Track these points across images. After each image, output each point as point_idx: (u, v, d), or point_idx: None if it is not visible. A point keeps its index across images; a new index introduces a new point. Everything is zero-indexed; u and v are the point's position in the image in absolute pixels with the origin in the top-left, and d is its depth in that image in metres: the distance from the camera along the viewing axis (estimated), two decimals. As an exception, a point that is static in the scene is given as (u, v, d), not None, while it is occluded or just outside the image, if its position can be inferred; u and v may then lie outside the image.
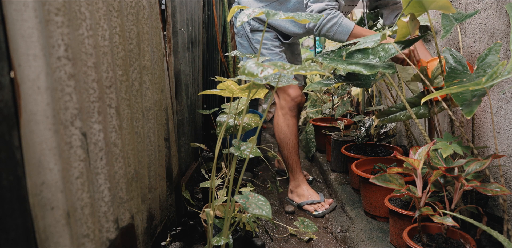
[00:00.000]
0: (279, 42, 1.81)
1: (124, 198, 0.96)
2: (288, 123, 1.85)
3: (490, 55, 1.13)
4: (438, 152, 1.13)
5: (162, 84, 1.26)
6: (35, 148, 0.63)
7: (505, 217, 1.10)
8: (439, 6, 1.15)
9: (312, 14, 0.98)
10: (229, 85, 1.09)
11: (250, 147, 1.04)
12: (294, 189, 1.94)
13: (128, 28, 1.00)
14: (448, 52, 1.20)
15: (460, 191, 1.05)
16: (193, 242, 1.44)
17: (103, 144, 0.84)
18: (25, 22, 0.60)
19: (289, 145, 1.89)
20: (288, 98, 1.82)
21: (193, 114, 1.95)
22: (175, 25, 1.55)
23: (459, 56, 1.19)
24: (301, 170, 1.96)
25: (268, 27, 1.78)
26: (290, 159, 1.92)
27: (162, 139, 1.28)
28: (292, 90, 1.81)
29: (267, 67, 0.79)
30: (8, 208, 0.57)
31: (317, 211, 1.84)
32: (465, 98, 1.02)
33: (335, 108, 2.72)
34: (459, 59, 1.18)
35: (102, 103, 0.84)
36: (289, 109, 1.83)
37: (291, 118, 1.85)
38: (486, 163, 1.02)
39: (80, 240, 0.76)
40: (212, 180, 1.20)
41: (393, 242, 1.34)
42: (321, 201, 1.86)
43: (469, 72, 1.16)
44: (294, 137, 1.87)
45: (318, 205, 1.86)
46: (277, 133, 1.91)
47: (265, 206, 0.92)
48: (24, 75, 0.61)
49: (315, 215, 1.82)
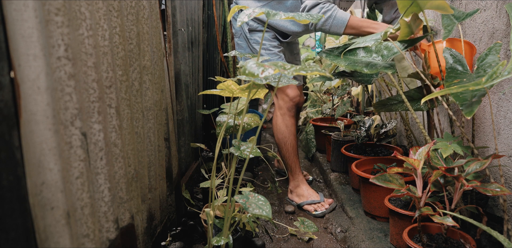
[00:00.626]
0: (277, 42, 1.80)
1: (124, 198, 0.96)
2: (286, 123, 1.85)
3: (490, 55, 1.13)
4: (438, 152, 1.13)
5: (162, 84, 1.26)
6: (35, 148, 0.63)
7: (505, 217, 1.10)
8: (435, 5, 1.15)
9: (312, 14, 0.98)
10: (229, 85, 1.09)
11: (250, 147, 1.04)
12: (294, 189, 1.94)
13: (128, 28, 1.00)
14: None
15: (460, 191, 1.05)
16: (193, 242, 1.44)
17: (103, 144, 0.84)
18: (25, 22, 0.60)
19: (287, 145, 1.88)
20: (286, 98, 1.81)
21: (193, 114, 1.95)
22: (175, 25, 1.55)
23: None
24: (301, 170, 1.95)
25: (267, 26, 1.76)
26: (289, 159, 1.91)
27: (162, 139, 1.28)
28: (291, 90, 1.80)
29: (268, 67, 0.79)
30: (8, 208, 0.57)
31: (317, 211, 1.83)
32: (465, 98, 1.02)
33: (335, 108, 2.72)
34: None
35: (102, 103, 0.84)
36: (287, 109, 1.82)
37: (290, 118, 1.84)
38: (486, 163, 1.02)
39: (80, 240, 0.76)
40: (212, 180, 1.20)
41: (393, 242, 1.34)
42: (321, 201, 1.86)
43: (469, 72, 1.16)
44: (292, 137, 1.87)
45: (318, 205, 1.85)
46: (275, 133, 1.90)
47: (265, 206, 0.92)
48: (24, 75, 0.61)
49: (315, 215, 1.82)
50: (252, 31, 1.79)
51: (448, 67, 1.17)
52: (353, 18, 1.48)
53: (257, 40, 1.77)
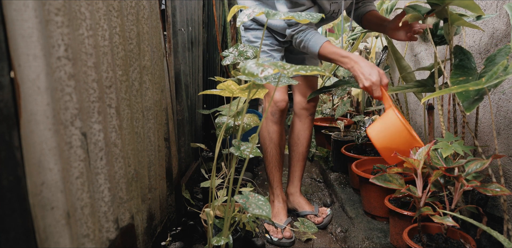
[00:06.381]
0: (271, 41, 1.67)
1: (124, 198, 0.96)
2: (268, 129, 1.66)
3: (499, 56, 1.13)
4: (438, 152, 1.13)
5: (162, 84, 1.26)
6: (35, 148, 0.63)
7: (505, 217, 1.10)
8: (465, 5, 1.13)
9: (312, 14, 0.98)
10: (229, 85, 1.09)
11: (250, 147, 1.04)
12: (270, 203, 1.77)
13: (128, 28, 1.00)
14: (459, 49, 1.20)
15: (460, 191, 1.05)
16: (193, 242, 1.44)
17: (103, 144, 0.84)
18: (25, 22, 0.60)
19: (267, 154, 1.68)
20: (272, 101, 1.63)
21: (193, 114, 1.95)
22: (175, 25, 1.55)
23: (468, 54, 1.19)
24: (280, 185, 1.73)
25: (260, 25, 1.68)
26: (268, 170, 1.71)
27: (162, 139, 1.28)
28: (278, 93, 1.63)
29: (267, 67, 0.79)
30: (8, 208, 0.57)
31: (272, 236, 1.57)
32: (468, 96, 1.02)
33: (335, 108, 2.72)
34: (468, 56, 1.18)
35: (102, 103, 0.84)
36: (270, 113, 1.65)
37: (272, 124, 1.65)
38: (486, 163, 1.02)
39: (80, 240, 0.76)
40: (212, 180, 1.20)
41: (393, 242, 1.34)
42: (283, 226, 1.61)
43: (476, 70, 1.16)
44: (273, 146, 1.66)
45: (275, 230, 1.60)
46: (259, 138, 1.70)
47: (265, 206, 0.92)
48: (24, 75, 0.61)
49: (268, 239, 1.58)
50: (246, 29, 1.74)
51: (455, 64, 1.17)
52: (323, 50, 1.40)
53: (249, 38, 1.71)
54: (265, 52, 1.65)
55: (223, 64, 1.40)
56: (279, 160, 1.70)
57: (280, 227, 1.60)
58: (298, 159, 1.80)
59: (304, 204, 1.78)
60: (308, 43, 1.43)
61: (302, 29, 1.44)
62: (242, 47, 1.45)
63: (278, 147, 1.68)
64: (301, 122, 1.78)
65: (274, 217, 1.67)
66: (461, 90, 0.92)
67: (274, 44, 1.67)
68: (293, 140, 1.80)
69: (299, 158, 1.80)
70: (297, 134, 1.78)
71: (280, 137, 1.68)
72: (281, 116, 1.67)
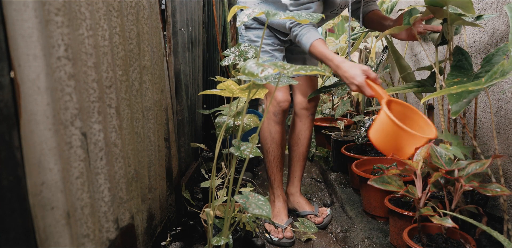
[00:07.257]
0: (273, 40, 1.67)
1: (124, 198, 0.96)
2: (270, 130, 1.66)
3: (497, 56, 1.12)
4: (438, 150, 1.13)
5: (162, 84, 1.26)
6: (35, 148, 0.63)
7: (505, 217, 1.10)
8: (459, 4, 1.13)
9: (312, 14, 0.98)
10: (229, 85, 1.09)
11: (250, 147, 1.04)
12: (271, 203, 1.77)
13: (128, 28, 1.00)
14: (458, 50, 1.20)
15: (460, 191, 1.05)
16: (193, 242, 1.44)
17: (103, 144, 0.84)
18: (25, 22, 0.60)
19: (269, 154, 1.68)
20: (274, 101, 1.64)
21: (193, 114, 1.95)
22: (175, 25, 1.55)
23: (466, 55, 1.19)
24: (281, 185, 1.73)
25: (262, 24, 1.67)
26: (269, 170, 1.71)
27: (162, 139, 1.29)
28: (280, 93, 1.63)
29: (267, 67, 0.79)
30: (8, 208, 0.57)
31: (272, 236, 1.58)
32: (459, 98, 1.01)
33: (335, 108, 2.72)
34: (465, 57, 1.18)
35: (102, 103, 0.84)
36: (272, 113, 1.65)
37: (274, 124, 1.65)
38: (486, 163, 1.02)
39: (80, 240, 0.76)
40: (212, 180, 1.20)
41: (393, 242, 1.34)
42: (284, 226, 1.62)
43: (472, 71, 1.16)
44: (275, 146, 1.67)
45: (276, 230, 1.61)
46: (260, 138, 1.69)
47: (265, 206, 0.92)
48: (24, 75, 0.61)
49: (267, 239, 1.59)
50: (247, 29, 1.72)
51: (452, 65, 1.17)
52: (312, 49, 1.40)
53: (251, 37, 1.70)
54: (267, 52, 1.65)
55: (222, 64, 1.40)
56: (281, 161, 1.70)
57: (281, 227, 1.60)
58: (299, 159, 1.80)
59: (304, 204, 1.78)
60: (302, 38, 1.44)
61: (299, 23, 1.45)
62: (244, 47, 1.44)
63: (280, 147, 1.68)
64: (301, 122, 1.77)
65: (275, 217, 1.67)
66: (461, 90, 0.92)
67: (276, 44, 1.67)
68: (294, 140, 1.79)
69: (300, 158, 1.80)
70: (298, 134, 1.78)
71: (281, 137, 1.68)
72: (283, 116, 1.67)
